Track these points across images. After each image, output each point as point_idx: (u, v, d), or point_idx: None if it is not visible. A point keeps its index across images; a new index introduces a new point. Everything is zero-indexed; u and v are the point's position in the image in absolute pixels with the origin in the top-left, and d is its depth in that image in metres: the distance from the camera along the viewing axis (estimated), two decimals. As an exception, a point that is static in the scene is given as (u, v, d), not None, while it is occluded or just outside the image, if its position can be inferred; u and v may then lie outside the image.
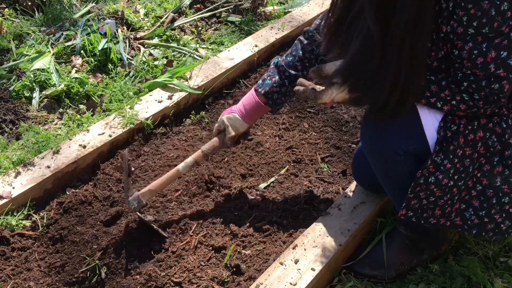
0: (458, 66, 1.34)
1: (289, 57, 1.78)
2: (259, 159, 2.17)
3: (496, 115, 1.42)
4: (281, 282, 1.59)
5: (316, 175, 2.10)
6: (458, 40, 1.30)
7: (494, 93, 1.31)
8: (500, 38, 1.26)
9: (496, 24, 1.24)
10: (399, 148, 1.47)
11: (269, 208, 1.94)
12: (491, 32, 1.25)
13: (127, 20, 3.03)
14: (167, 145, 2.23)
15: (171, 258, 1.76)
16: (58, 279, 1.69)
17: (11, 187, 1.91)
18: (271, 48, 2.83)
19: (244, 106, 1.81)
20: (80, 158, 2.05)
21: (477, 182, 1.46)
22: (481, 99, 1.33)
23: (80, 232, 1.81)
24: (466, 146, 1.40)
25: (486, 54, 1.27)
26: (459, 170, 1.41)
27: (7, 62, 2.65)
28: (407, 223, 1.70)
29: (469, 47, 1.28)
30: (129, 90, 2.49)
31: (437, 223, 1.51)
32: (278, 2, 3.49)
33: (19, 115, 2.38)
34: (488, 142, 1.42)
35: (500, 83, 1.30)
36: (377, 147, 1.53)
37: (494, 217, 1.48)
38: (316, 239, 1.73)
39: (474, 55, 1.28)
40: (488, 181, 1.45)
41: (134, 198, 1.78)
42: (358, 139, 2.27)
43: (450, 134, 1.40)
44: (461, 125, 1.40)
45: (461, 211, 1.49)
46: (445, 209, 1.48)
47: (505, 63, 1.27)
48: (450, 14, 1.28)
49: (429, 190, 1.44)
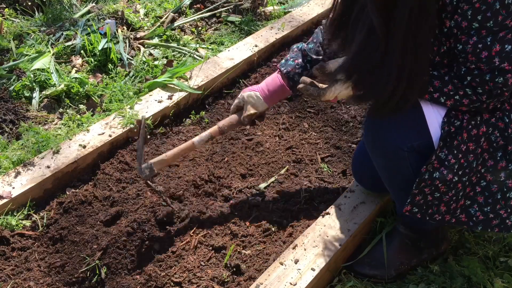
0: (462, 60, 1.34)
1: (310, 44, 1.79)
2: (259, 159, 2.17)
3: (499, 110, 1.42)
4: (281, 282, 1.59)
5: (316, 175, 2.10)
6: (462, 34, 1.30)
7: (498, 86, 1.32)
8: (504, 32, 1.26)
9: (501, 17, 1.25)
10: (403, 144, 1.47)
11: (269, 208, 1.94)
12: (495, 26, 1.25)
13: (127, 20, 3.03)
14: (167, 145, 2.23)
15: (171, 258, 1.76)
16: (58, 279, 1.69)
17: (11, 187, 1.91)
18: (271, 48, 2.83)
19: (268, 86, 1.79)
20: (80, 158, 2.05)
21: (481, 178, 1.46)
22: (485, 93, 1.34)
23: (80, 232, 1.81)
24: (469, 141, 1.40)
25: (491, 48, 1.27)
26: (463, 166, 1.41)
27: (7, 62, 2.65)
28: (407, 222, 1.70)
29: (473, 41, 1.29)
30: (129, 90, 2.49)
31: (442, 219, 1.51)
32: (278, 2, 3.49)
33: (19, 115, 2.38)
34: (491, 137, 1.42)
35: (504, 77, 1.30)
36: (380, 144, 1.53)
37: (499, 213, 1.48)
38: (316, 239, 1.73)
39: (479, 49, 1.29)
40: (492, 177, 1.45)
41: (147, 166, 1.76)
42: (358, 139, 2.27)
43: (453, 129, 1.41)
44: (464, 120, 1.40)
45: (466, 207, 1.49)
46: (450, 205, 1.48)
47: (509, 57, 1.28)
48: (454, 9, 1.28)
49: (434, 185, 1.44)
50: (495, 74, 1.30)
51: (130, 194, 1.97)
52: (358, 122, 2.39)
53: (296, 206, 1.94)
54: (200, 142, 1.82)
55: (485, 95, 1.34)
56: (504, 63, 1.29)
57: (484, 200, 1.47)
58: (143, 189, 2.00)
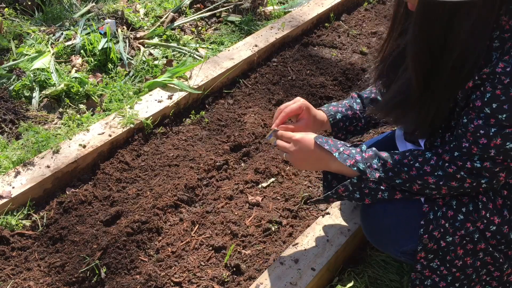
0: (460, 133, 1.30)
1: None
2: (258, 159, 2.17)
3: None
4: (281, 282, 1.59)
5: (316, 175, 2.10)
6: (473, 111, 1.26)
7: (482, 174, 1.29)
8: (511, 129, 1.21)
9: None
10: (396, 250, 1.49)
11: (269, 208, 1.94)
12: (507, 121, 1.20)
13: (127, 20, 3.03)
14: (167, 145, 2.23)
15: (171, 258, 1.76)
16: (58, 279, 1.69)
17: (11, 186, 1.91)
18: (271, 47, 2.83)
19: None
20: (80, 158, 2.05)
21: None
22: (466, 169, 1.30)
23: (80, 232, 1.81)
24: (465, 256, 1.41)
25: (492, 139, 1.22)
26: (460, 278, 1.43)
27: (7, 62, 2.65)
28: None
29: (478, 123, 1.24)
30: (129, 89, 2.49)
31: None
32: (278, 2, 3.49)
33: (19, 114, 2.38)
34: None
35: (494, 167, 1.27)
36: (374, 243, 1.59)
37: None
38: (316, 239, 1.73)
39: (479, 134, 1.24)
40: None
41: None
42: (358, 140, 2.26)
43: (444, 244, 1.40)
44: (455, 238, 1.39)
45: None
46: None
47: (507, 154, 1.24)
48: (478, 85, 1.24)
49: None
50: (484, 157, 1.27)
51: (130, 194, 1.97)
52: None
53: (296, 206, 1.94)
54: None
55: (466, 170, 1.30)
56: (499, 156, 1.24)
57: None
58: (143, 189, 2.00)
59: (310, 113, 1.63)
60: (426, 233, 1.39)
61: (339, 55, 2.91)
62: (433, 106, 1.32)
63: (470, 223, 1.36)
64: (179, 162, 2.13)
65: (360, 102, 1.71)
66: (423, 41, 1.25)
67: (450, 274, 1.41)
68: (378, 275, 1.76)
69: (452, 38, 1.20)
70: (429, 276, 1.43)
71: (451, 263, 1.39)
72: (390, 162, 1.38)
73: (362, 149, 1.44)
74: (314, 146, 1.47)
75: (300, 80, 2.67)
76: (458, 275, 1.41)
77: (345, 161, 1.42)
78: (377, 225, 1.50)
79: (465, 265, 1.39)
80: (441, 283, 1.43)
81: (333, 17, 3.23)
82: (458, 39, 1.20)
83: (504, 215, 1.35)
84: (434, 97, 1.31)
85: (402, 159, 1.38)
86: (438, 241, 1.38)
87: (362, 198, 1.44)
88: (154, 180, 2.05)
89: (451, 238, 1.37)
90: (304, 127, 1.62)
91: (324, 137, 1.49)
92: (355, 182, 1.42)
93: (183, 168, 2.10)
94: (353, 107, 1.70)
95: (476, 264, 1.40)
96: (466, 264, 1.39)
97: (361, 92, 1.75)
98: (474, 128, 1.25)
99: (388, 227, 1.47)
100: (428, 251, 1.40)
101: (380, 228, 1.50)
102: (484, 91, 1.22)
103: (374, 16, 3.33)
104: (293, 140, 1.50)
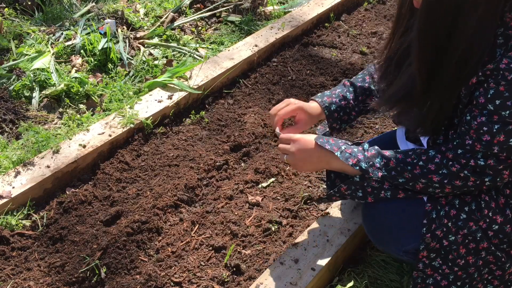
0: (463, 130, 1.29)
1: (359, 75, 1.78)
2: (258, 158, 2.17)
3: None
4: (281, 282, 1.59)
5: (316, 175, 2.10)
6: (476, 108, 1.26)
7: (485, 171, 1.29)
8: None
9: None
10: (398, 249, 1.49)
11: (269, 208, 1.94)
12: (510, 117, 1.19)
13: (127, 20, 3.03)
14: (167, 145, 2.23)
15: (171, 258, 1.76)
16: (58, 279, 1.69)
17: (11, 186, 1.91)
18: (271, 47, 2.83)
19: None
20: (80, 158, 2.05)
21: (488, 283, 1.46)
22: (469, 167, 1.30)
23: (80, 232, 1.81)
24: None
25: (495, 136, 1.22)
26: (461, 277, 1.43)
27: (7, 62, 2.65)
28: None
29: (481, 120, 1.24)
30: (129, 89, 2.49)
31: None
32: (278, 2, 3.49)
33: (19, 114, 2.38)
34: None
35: (498, 163, 1.27)
36: (375, 242, 1.59)
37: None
38: (316, 239, 1.73)
39: (482, 131, 1.24)
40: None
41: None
42: (358, 139, 2.26)
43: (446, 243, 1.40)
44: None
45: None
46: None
47: (511, 150, 1.23)
48: (482, 82, 1.24)
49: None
50: (487, 154, 1.26)
51: (130, 194, 1.97)
52: (358, 122, 2.39)
53: (296, 206, 1.94)
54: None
55: (470, 169, 1.30)
56: (503, 153, 1.24)
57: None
58: (143, 189, 2.00)
59: (305, 112, 1.64)
60: (428, 232, 1.39)
61: (339, 55, 2.91)
62: (437, 102, 1.32)
63: (472, 222, 1.36)
64: (179, 162, 2.13)
65: (353, 90, 1.71)
66: (428, 37, 1.25)
67: (452, 273, 1.41)
68: (378, 275, 1.76)
69: (457, 35, 1.21)
70: (431, 274, 1.43)
71: (453, 262, 1.39)
72: (393, 160, 1.38)
73: (364, 148, 1.44)
74: (314, 145, 1.47)
75: (300, 80, 2.67)
76: (460, 274, 1.41)
77: (347, 160, 1.42)
78: (379, 224, 1.50)
79: (467, 264, 1.39)
80: (442, 282, 1.43)
81: (333, 17, 3.23)
82: (463, 35, 1.20)
83: (506, 214, 1.35)
84: (437, 93, 1.31)
85: (405, 157, 1.38)
86: (441, 240, 1.38)
87: (365, 197, 1.44)
88: (154, 180, 2.05)
89: (453, 237, 1.37)
90: (303, 128, 1.65)
91: (325, 137, 1.49)
92: (357, 181, 1.42)
93: (183, 168, 2.10)
94: (346, 97, 1.69)
95: (478, 263, 1.39)
96: (468, 263, 1.39)
97: (354, 80, 1.74)
98: (477, 125, 1.24)
99: (390, 226, 1.47)
100: (430, 250, 1.40)
101: (382, 227, 1.50)
102: (487, 87, 1.21)
103: (374, 16, 3.33)
104: (292, 140, 1.51)
